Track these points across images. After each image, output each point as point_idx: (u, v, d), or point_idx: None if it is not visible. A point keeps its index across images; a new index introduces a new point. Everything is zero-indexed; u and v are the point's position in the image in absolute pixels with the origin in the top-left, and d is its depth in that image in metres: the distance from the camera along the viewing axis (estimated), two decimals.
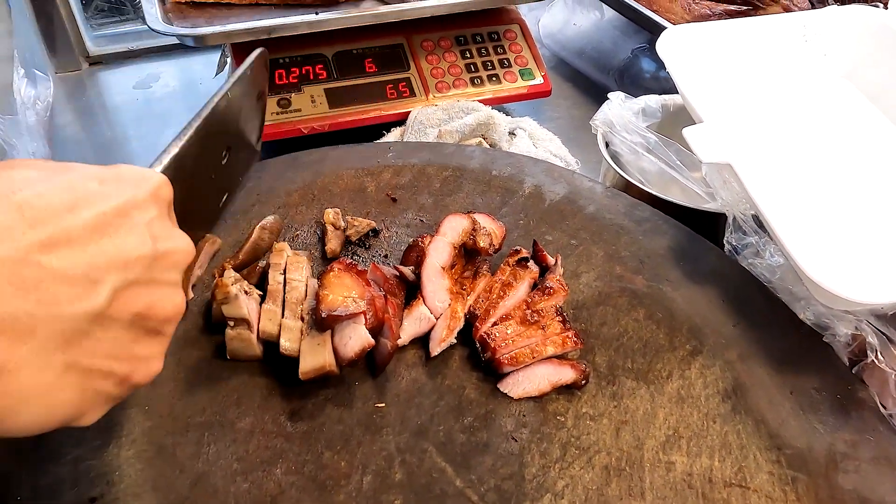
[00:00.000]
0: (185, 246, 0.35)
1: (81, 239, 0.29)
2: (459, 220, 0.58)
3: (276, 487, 0.45)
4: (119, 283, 0.31)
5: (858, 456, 0.49)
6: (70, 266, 0.29)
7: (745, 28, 0.75)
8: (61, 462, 0.45)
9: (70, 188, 0.30)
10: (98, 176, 0.32)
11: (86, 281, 0.29)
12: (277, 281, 0.54)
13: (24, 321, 0.27)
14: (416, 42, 0.98)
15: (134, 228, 0.32)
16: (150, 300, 0.33)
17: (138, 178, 0.34)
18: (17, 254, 0.27)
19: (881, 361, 0.52)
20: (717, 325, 0.58)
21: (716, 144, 0.60)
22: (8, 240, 0.27)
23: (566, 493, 0.46)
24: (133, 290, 0.32)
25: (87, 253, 0.29)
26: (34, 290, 0.28)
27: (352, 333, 0.49)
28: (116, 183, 0.32)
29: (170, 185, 0.36)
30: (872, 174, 0.65)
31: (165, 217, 0.35)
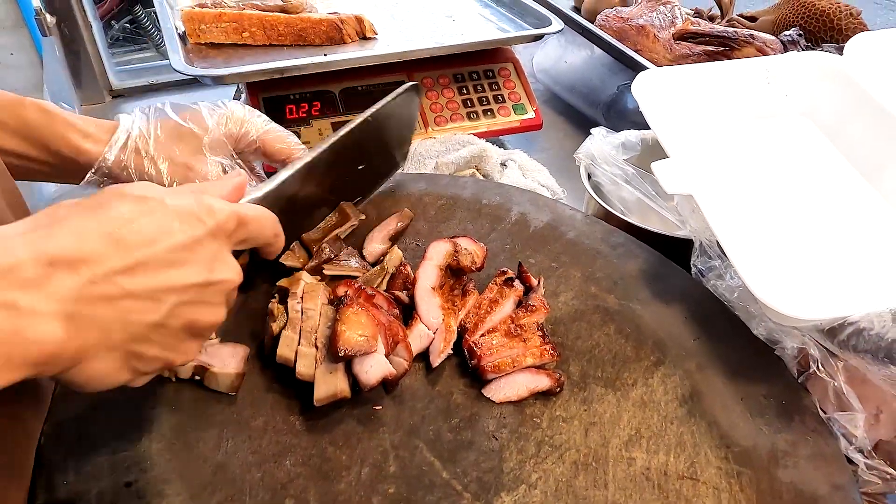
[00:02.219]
0: (232, 276, 0.44)
1: (154, 268, 0.39)
2: (442, 244, 0.65)
3: (286, 476, 0.52)
4: (176, 303, 0.40)
5: (797, 454, 0.56)
6: (141, 289, 0.38)
7: (713, 71, 0.82)
8: (101, 452, 0.52)
9: (155, 226, 0.39)
10: (179, 213, 0.41)
11: (151, 300, 0.39)
12: (295, 310, 0.59)
13: (104, 325, 0.37)
14: (417, 79, 1.06)
15: (195, 261, 0.41)
16: (197, 315, 0.42)
17: (207, 213, 0.42)
18: (105, 276, 0.37)
19: (822, 372, 0.59)
20: (680, 339, 0.65)
21: (680, 177, 0.68)
22: (102, 265, 0.36)
23: (539, 484, 0.53)
24: (186, 307, 0.41)
25: (156, 279, 0.39)
26: (113, 303, 0.37)
27: (372, 362, 0.55)
28: (190, 220, 0.41)
29: (234, 219, 0.44)
30: (822, 205, 0.72)
31: (223, 249, 0.43)
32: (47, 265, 0.35)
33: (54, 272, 0.35)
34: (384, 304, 0.61)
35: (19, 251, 0.35)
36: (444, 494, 0.52)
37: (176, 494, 0.50)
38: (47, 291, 0.35)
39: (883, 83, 0.76)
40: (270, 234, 0.50)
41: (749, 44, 1.07)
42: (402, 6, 1.18)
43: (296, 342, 0.57)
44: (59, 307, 0.35)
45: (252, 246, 0.49)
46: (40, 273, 0.35)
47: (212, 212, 0.43)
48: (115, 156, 0.61)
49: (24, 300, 0.34)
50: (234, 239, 0.45)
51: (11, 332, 0.33)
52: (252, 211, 0.48)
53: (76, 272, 0.36)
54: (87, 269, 0.36)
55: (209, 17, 1.00)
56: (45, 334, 0.35)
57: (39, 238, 0.36)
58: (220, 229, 0.43)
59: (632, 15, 1.20)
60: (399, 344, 0.57)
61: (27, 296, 0.34)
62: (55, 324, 0.35)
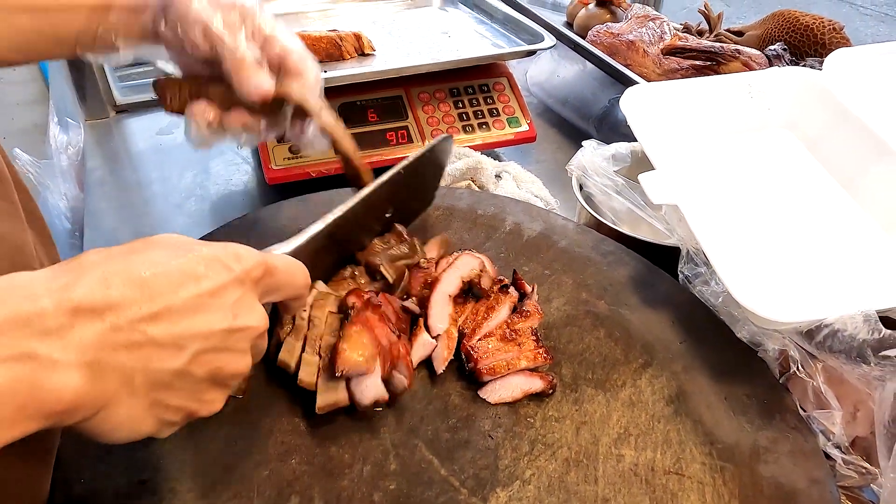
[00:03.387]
0: (258, 322, 0.44)
1: (179, 314, 0.38)
2: (473, 260, 0.66)
3: (292, 474, 0.55)
4: (199, 349, 0.40)
5: (778, 450, 0.59)
6: (165, 335, 0.38)
7: (698, 86, 0.86)
8: (116, 452, 0.55)
9: (181, 271, 0.39)
10: (205, 259, 0.41)
11: (174, 347, 0.38)
12: (302, 317, 0.60)
13: (127, 372, 0.37)
14: (414, 94, 1.10)
15: (220, 308, 0.40)
16: (221, 363, 0.41)
17: (234, 260, 0.42)
18: (131, 323, 0.36)
19: (802, 372, 0.62)
20: (667, 342, 0.68)
21: (666, 188, 0.71)
22: (126, 311, 0.36)
23: (532, 480, 0.56)
24: (210, 354, 0.40)
25: (180, 326, 0.38)
26: (135, 350, 0.37)
27: (368, 383, 0.57)
28: (216, 266, 0.41)
29: (261, 267, 0.44)
30: (803, 214, 0.75)
31: (249, 295, 0.43)
32: (70, 313, 0.35)
33: (77, 320, 0.35)
34: (392, 317, 0.61)
35: (43, 300, 0.34)
36: (442, 490, 0.55)
37: (188, 491, 0.53)
38: (68, 340, 0.34)
39: (860, 97, 0.80)
40: (301, 283, 0.49)
41: (735, 58, 1.11)
42: (400, 23, 1.22)
43: (298, 349, 0.59)
44: (80, 356, 0.35)
45: (281, 297, 0.48)
46: (63, 322, 0.34)
47: (238, 258, 0.43)
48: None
49: (43, 350, 0.33)
50: (261, 287, 0.45)
51: (28, 383, 0.33)
52: (281, 261, 0.47)
53: (100, 319, 0.36)
54: (111, 316, 0.36)
55: None
56: (63, 384, 0.34)
57: (65, 287, 0.35)
58: (246, 276, 0.43)
59: (622, 31, 1.24)
60: (400, 361, 0.59)
61: (47, 345, 0.34)
62: (74, 373, 0.34)
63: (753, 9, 3.71)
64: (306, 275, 0.50)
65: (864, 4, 4.46)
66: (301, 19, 1.22)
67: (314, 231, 0.57)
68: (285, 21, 1.18)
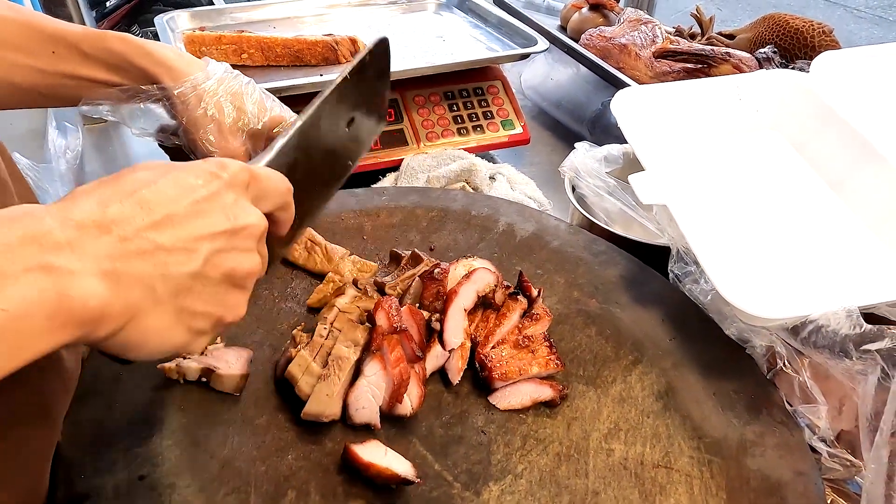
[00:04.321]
0: (256, 220, 0.45)
1: (181, 221, 0.40)
2: (489, 275, 0.67)
3: (288, 469, 0.56)
4: (209, 251, 0.41)
5: (764, 443, 0.60)
6: (174, 241, 0.39)
7: (688, 89, 0.87)
8: (115, 449, 0.56)
9: (174, 184, 0.41)
10: (193, 171, 0.43)
11: (185, 251, 0.40)
12: (321, 335, 0.62)
13: (146, 280, 0.38)
14: (409, 97, 1.11)
15: (218, 210, 0.42)
16: (233, 262, 0.43)
17: (220, 168, 0.44)
18: (137, 233, 0.38)
19: (788, 368, 0.63)
20: (657, 339, 0.70)
21: (655, 188, 0.72)
22: (131, 224, 0.38)
23: (525, 474, 0.57)
24: (220, 255, 0.42)
25: (184, 230, 0.40)
26: (149, 257, 0.38)
27: (366, 405, 0.58)
28: (205, 175, 0.43)
29: (246, 172, 0.46)
30: (790, 213, 0.77)
31: (241, 198, 0.45)
32: (76, 228, 0.36)
33: (84, 234, 0.36)
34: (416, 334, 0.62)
35: (46, 220, 0.35)
36: (436, 484, 0.56)
37: (186, 486, 0.54)
38: (81, 252, 0.35)
39: (846, 99, 0.81)
40: (284, 189, 0.50)
41: (726, 61, 1.12)
42: (395, 27, 1.23)
43: (308, 361, 0.60)
44: (97, 265, 0.36)
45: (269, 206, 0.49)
46: (71, 236, 0.35)
47: (224, 166, 0.44)
48: (183, 90, 0.66)
49: (59, 261, 0.34)
50: (250, 192, 0.46)
51: (52, 291, 0.34)
52: (262, 169, 0.49)
53: (106, 232, 0.37)
54: (116, 229, 0.37)
55: (209, 40, 1.04)
56: (88, 291, 0.35)
57: (63, 208, 0.37)
58: (234, 180, 0.44)
59: (615, 34, 1.25)
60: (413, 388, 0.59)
61: (62, 257, 0.35)
62: (95, 281, 0.36)
63: (746, 12, 3.73)
64: (286, 181, 0.51)
65: (857, 7, 4.49)
66: (297, 24, 1.23)
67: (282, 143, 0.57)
68: (282, 26, 1.20)
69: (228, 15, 1.22)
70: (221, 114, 0.68)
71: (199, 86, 0.67)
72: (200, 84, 0.67)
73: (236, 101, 0.69)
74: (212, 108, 0.67)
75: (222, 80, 0.69)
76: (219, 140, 0.68)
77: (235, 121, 0.68)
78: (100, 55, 0.64)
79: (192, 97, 0.67)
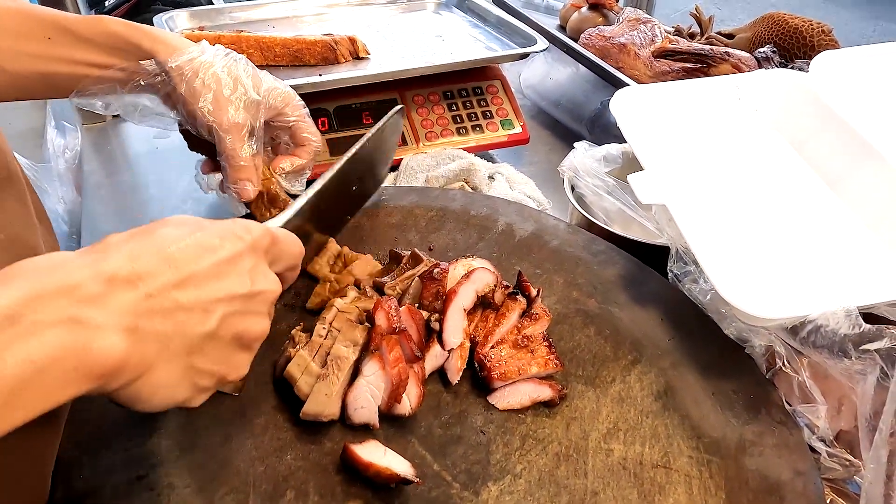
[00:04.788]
0: (273, 286, 0.48)
1: (202, 281, 0.42)
2: (488, 275, 0.66)
3: (287, 470, 0.56)
4: (224, 313, 0.43)
5: (763, 443, 0.60)
6: (193, 301, 0.41)
7: (687, 88, 0.87)
8: (114, 450, 0.56)
9: (199, 244, 0.43)
10: (219, 233, 0.44)
11: (202, 311, 0.42)
12: (320, 335, 0.62)
13: (163, 337, 0.40)
14: (408, 97, 1.11)
15: (238, 274, 0.44)
16: (245, 325, 0.45)
17: (244, 231, 0.46)
18: (160, 290, 0.39)
19: (787, 367, 0.63)
20: (655, 339, 0.69)
21: (654, 188, 0.72)
22: (157, 280, 0.39)
23: (524, 474, 0.57)
24: (234, 317, 0.44)
25: (205, 291, 0.42)
26: (169, 316, 0.40)
27: (365, 405, 0.58)
28: (230, 237, 0.44)
29: (268, 237, 0.48)
30: (789, 213, 0.77)
31: (261, 262, 0.47)
32: (107, 283, 0.37)
33: (113, 288, 0.38)
34: (415, 334, 0.62)
35: (79, 272, 0.37)
36: (435, 484, 0.56)
37: (185, 487, 0.54)
38: (109, 307, 0.37)
39: (845, 98, 0.81)
40: (297, 252, 0.53)
41: (725, 60, 1.12)
42: (394, 27, 1.23)
43: (306, 362, 0.59)
44: (121, 321, 0.37)
45: (282, 267, 0.51)
46: (101, 290, 0.37)
47: (248, 230, 0.47)
48: (180, 63, 0.67)
49: (87, 315, 0.36)
50: (269, 256, 0.48)
51: (77, 345, 0.35)
52: (281, 232, 0.51)
53: (134, 288, 0.38)
54: (143, 285, 0.39)
55: (208, 40, 1.04)
56: (110, 347, 0.36)
57: (96, 260, 0.38)
58: (257, 245, 0.47)
59: (614, 34, 1.25)
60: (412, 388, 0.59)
61: (90, 311, 0.36)
62: (118, 336, 0.37)
63: (745, 11, 3.73)
64: (300, 244, 0.53)
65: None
66: (296, 23, 1.23)
67: (300, 204, 0.61)
68: (281, 25, 1.20)
69: (227, 14, 1.22)
70: (219, 84, 0.68)
71: (195, 59, 0.68)
72: (197, 57, 0.68)
73: (232, 72, 0.69)
74: (209, 78, 0.68)
75: (217, 55, 0.70)
76: (216, 109, 0.68)
77: (232, 90, 0.69)
78: (97, 38, 0.64)
79: (188, 70, 0.67)
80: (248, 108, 0.70)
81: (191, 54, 0.68)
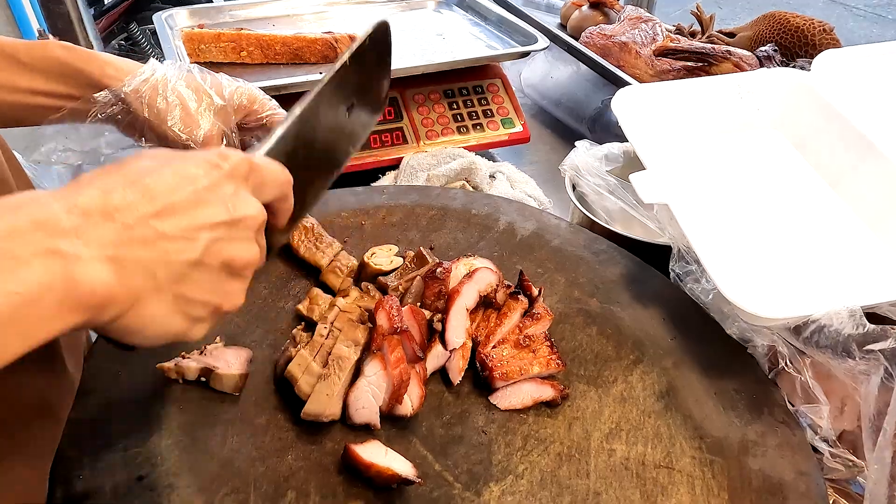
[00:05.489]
0: (255, 212, 0.46)
1: (182, 209, 0.41)
2: (491, 274, 0.66)
3: (288, 470, 0.56)
4: (209, 240, 0.42)
5: (766, 443, 0.60)
6: (174, 229, 0.40)
7: (689, 87, 0.87)
8: (114, 449, 0.55)
9: (175, 173, 0.42)
10: (195, 162, 0.43)
11: (185, 239, 0.41)
12: (321, 334, 0.61)
13: (148, 267, 0.39)
14: (409, 95, 1.11)
15: (219, 200, 0.43)
16: (231, 252, 0.44)
17: (221, 158, 0.45)
18: (140, 221, 0.39)
19: (790, 367, 0.63)
20: (657, 338, 0.69)
21: (656, 187, 0.72)
22: (134, 211, 0.39)
23: (525, 474, 0.57)
24: (219, 244, 0.43)
25: (185, 219, 0.41)
26: (151, 245, 0.39)
27: (366, 405, 0.58)
28: (206, 165, 0.43)
29: (246, 163, 0.46)
30: (791, 212, 0.76)
31: (241, 188, 0.45)
32: (82, 215, 0.37)
33: (89, 221, 0.37)
34: (417, 335, 0.62)
35: (52, 206, 0.36)
36: (437, 485, 0.55)
37: (185, 487, 0.54)
38: (87, 238, 0.36)
39: (847, 97, 0.81)
40: (284, 180, 0.50)
41: (726, 59, 1.12)
42: (395, 25, 1.22)
43: (306, 362, 0.59)
44: (102, 251, 0.37)
45: (268, 196, 0.49)
46: (77, 223, 0.36)
47: (225, 157, 0.45)
48: (135, 87, 0.64)
49: (67, 247, 0.35)
50: (250, 182, 0.47)
51: (61, 276, 0.35)
52: (262, 160, 0.49)
53: (110, 219, 0.38)
54: (119, 216, 0.38)
55: (208, 38, 1.04)
56: (94, 276, 0.36)
57: (69, 194, 0.37)
58: (235, 171, 0.45)
59: (615, 32, 1.25)
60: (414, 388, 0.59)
61: (69, 243, 0.35)
62: (101, 266, 0.36)
63: (746, 10, 3.73)
64: (285, 171, 0.51)
65: (857, 6, 4.49)
66: (296, 21, 1.23)
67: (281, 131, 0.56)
68: (281, 23, 1.20)
69: (227, 12, 1.21)
70: (182, 99, 0.66)
71: (149, 78, 0.65)
72: (150, 77, 0.65)
73: (191, 83, 0.67)
74: (171, 94, 0.66)
75: (169, 69, 0.67)
76: (187, 126, 0.66)
77: (198, 102, 0.67)
78: (39, 63, 0.62)
79: (146, 91, 0.65)
80: (219, 115, 0.68)
81: (143, 74, 0.65)
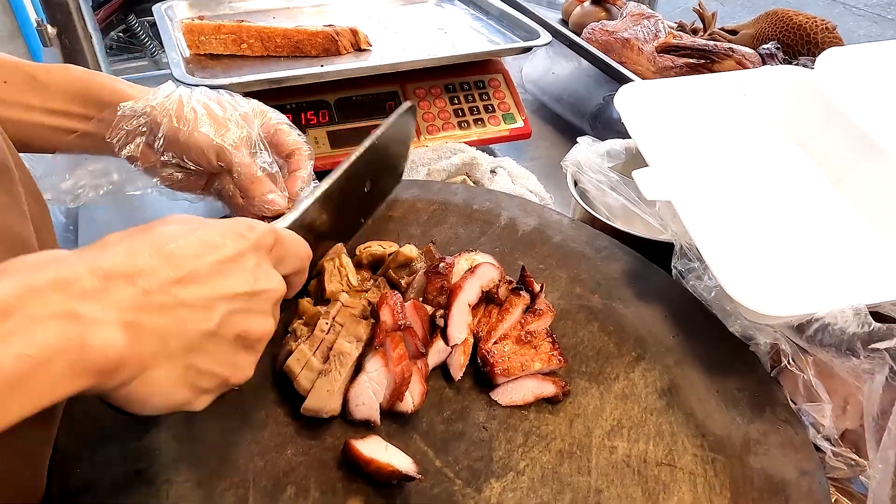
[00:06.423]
0: (276, 285, 0.46)
1: (204, 278, 0.41)
2: (493, 269, 0.66)
3: (287, 465, 0.55)
4: (226, 311, 0.42)
5: (768, 442, 0.60)
6: (194, 297, 0.40)
7: (692, 84, 0.86)
8: (112, 442, 0.55)
9: (201, 241, 0.42)
10: (221, 230, 0.43)
11: (203, 309, 0.41)
12: (322, 329, 0.60)
13: (162, 334, 0.39)
14: (410, 90, 1.10)
15: (241, 272, 0.43)
16: (248, 325, 0.44)
17: (247, 229, 0.45)
18: (159, 287, 0.39)
19: (793, 366, 0.63)
20: (660, 336, 0.69)
21: (659, 184, 0.71)
22: (156, 277, 0.39)
23: (526, 471, 0.56)
24: (236, 316, 0.43)
25: (206, 288, 0.41)
26: (169, 312, 0.39)
27: (366, 401, 0.57)
28: (232, 235, 0.43)
29: (272, 235, 0.47)
30: (794, 210, 0.76)
31: (264, 261, 0.46)
32: (103, 278, 0.37)
33: (111, 284, 0.37)
34: (420, 330, 0.61)
35: (75, 268, 0.36)
36: (437, 481, 0.55)
37: (184, 481, 0.53)
38: (106, 301, 0.36)
39: (851, 96, 0.80)
40: (304, 254, 0.52)
41: (729, 57, 1.12)
42: (396, 19, 1.22)
43: (306, 357, 0.58)
44: (119, 316, 0.37)
45: (287, 269, 0.50)
46: (97, 285, 0.36)
47: (252, 228, 0.45)
48: (160, 100, 0.63)
49: (84, 309, 0.35)
50: (273, 255, 0.47)
51: (75, 339, 0.35)
52: (286, 232, 0.50)
53: (132, 283, 0.38)
54: (142, 281, 0.38)
55: (208, 29, 1.03)
56: (108, 341, 0.36)
57: (93, 257, 0.38)
58: (260, 243, 0.46)
59: (617, 28, 1.24)
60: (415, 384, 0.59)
61: (87, 305, 0.35)
62: (116, 331, 0.36)
63: (747, 8, 3.73)
64: (307, 246, 0.52)
65: (857, 5, 4.49)
66: (297, 14, 1.22)
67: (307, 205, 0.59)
68: (281, 16, 1.19)
69: (227, 4, 1.21)
70: (208, 108, 0.65)
71: (171, 94, 0.65)
72: (172, 93, 0.65)
73: (211, 96, 0.67)
74: (197, 104, 0.65)
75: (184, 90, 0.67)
76: (218, 131, 0.65)
77: (223, 109, 0.66)
78: (57, 83, 0.61)
79: (171, 104, 0.64)
80: (245, 120, 0.68)
81: (164, 91, 0.65)
